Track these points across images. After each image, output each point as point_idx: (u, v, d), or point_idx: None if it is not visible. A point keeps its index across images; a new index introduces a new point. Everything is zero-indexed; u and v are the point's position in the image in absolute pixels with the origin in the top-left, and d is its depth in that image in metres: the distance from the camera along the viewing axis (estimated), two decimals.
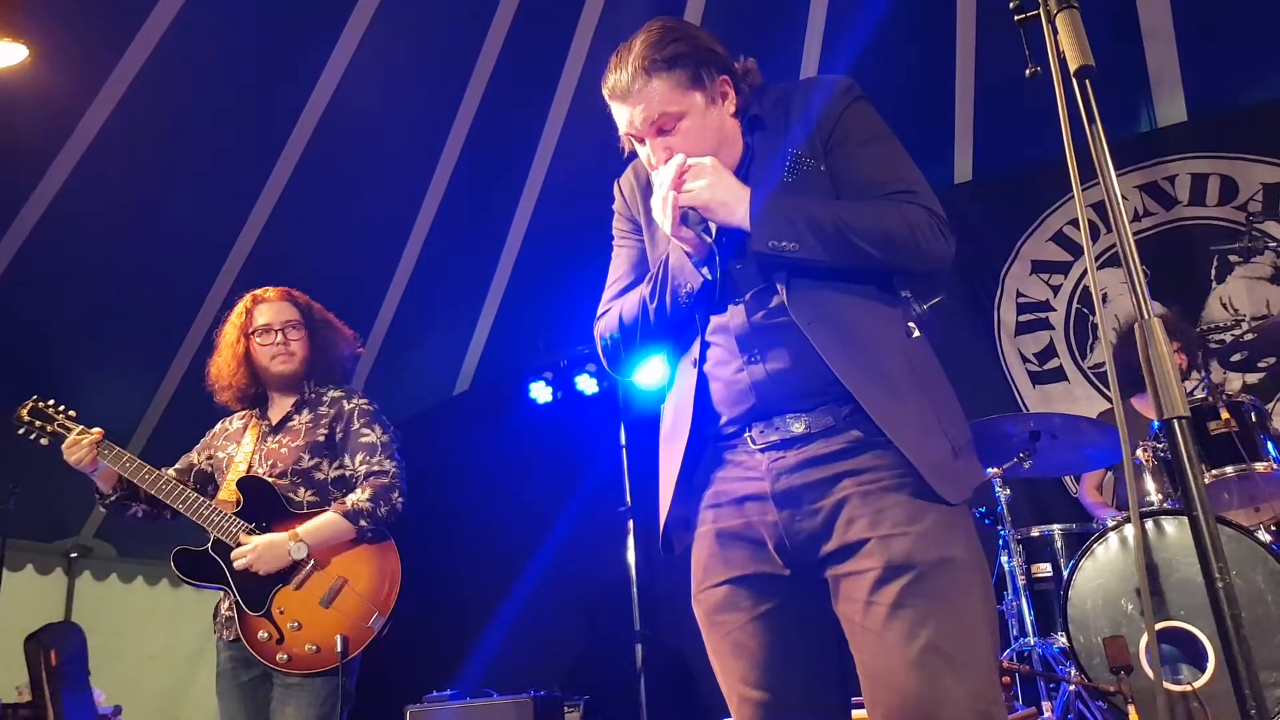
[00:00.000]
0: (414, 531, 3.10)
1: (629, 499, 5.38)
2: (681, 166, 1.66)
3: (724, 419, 1.68)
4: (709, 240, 1.68)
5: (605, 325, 1.87)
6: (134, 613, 6.27)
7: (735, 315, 1.68)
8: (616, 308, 1.84)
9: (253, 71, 4.77)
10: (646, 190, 1.85)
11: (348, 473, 2.90)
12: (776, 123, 1.76)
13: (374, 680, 3.05)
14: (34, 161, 4.54)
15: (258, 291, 3.08)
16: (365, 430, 2.94)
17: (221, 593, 2.85)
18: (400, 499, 2.87)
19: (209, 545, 2.79)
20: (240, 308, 3.05)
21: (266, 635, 2.69)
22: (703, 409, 1.70)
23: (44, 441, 2.94)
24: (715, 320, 1.71)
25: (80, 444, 2.83)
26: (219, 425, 3.14)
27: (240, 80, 4.76)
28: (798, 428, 1.61)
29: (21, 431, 2.96)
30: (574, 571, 5.77)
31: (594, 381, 5.97)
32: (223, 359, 3.01)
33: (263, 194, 5.22)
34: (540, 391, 6.15)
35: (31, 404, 2.98)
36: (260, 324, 2.98)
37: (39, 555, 5.82)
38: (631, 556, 5.28)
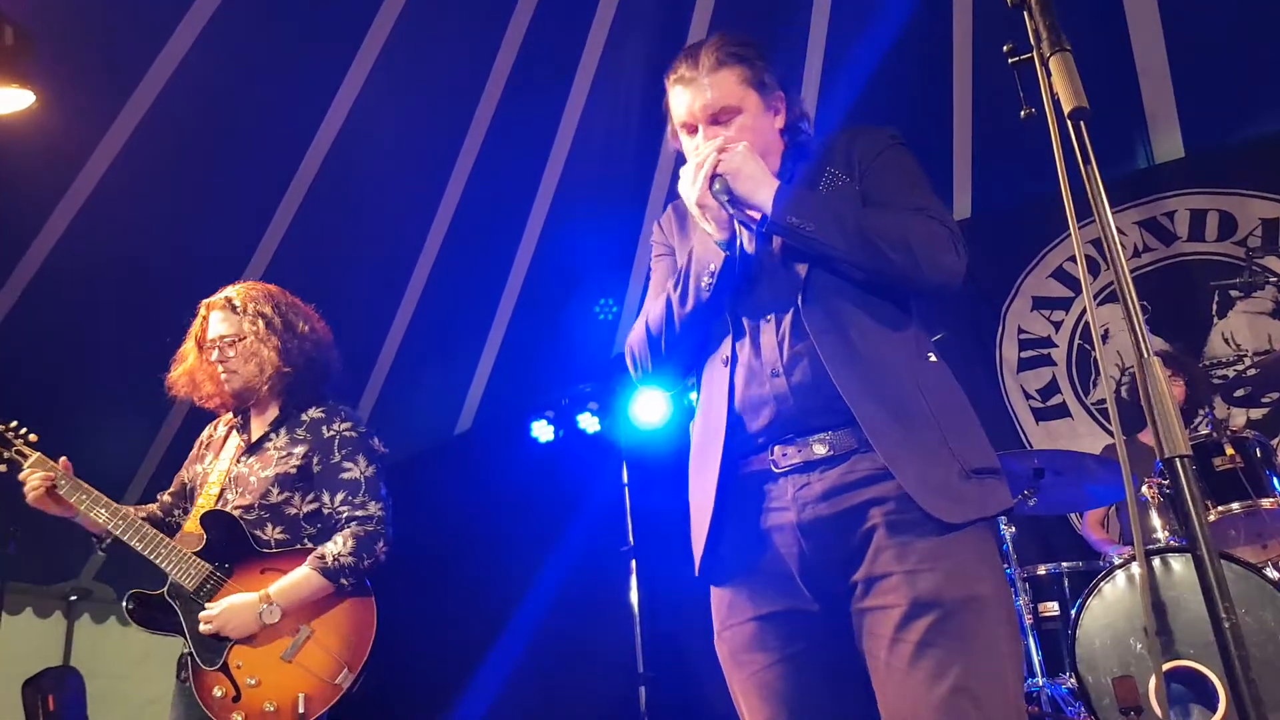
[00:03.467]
0: (414, 572, 3.08)
1: (631, 538, 5.35)
2: (721, 145, 1.72)
3: (749, 432, 1.68)
4: (730, 211, 1.71)
5: (633, 336, 1.88)
6: (133, 656, 6.20)
7: (764, 329, 1.70)
8: (644, 316, 1.86)
9: (256, 117, 4.82)
10: (682, 222, 1.93)
11: (325, 510, 2.61)
12: (817, 156, 1.82)
13: None
14: (39, 205, 4.57)
15: (209, 299, 2.81)
16: (347, 464, 2.63)
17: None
18: (385, 547, 2.59)
19: (165, 589, 2.53)
20: (198, 316, 2.79)
21: (221, 692, 2.44)
22: (733, 421, 1.69)
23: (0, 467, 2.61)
24: (746, 329, 1.72)
25: (32, 477, 2.52)
26: (206, 431, 2.90)
27: (244, 124, 4.81)
28: (820, 449, 1.61)
29: None
30: (576, 612, 5.71)
31: (596, 420, 5.96)
32: (179, 370, 2.77)
33: (264, 238, 5.25)
34: (542, 430, 6.13)
35: None
36: (210, 338, 2.73)
37: (38, 598, 5.78)
38: (634, 597, 5.23)
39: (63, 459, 2.62)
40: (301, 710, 2.40)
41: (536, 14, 5.18)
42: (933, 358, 1.70)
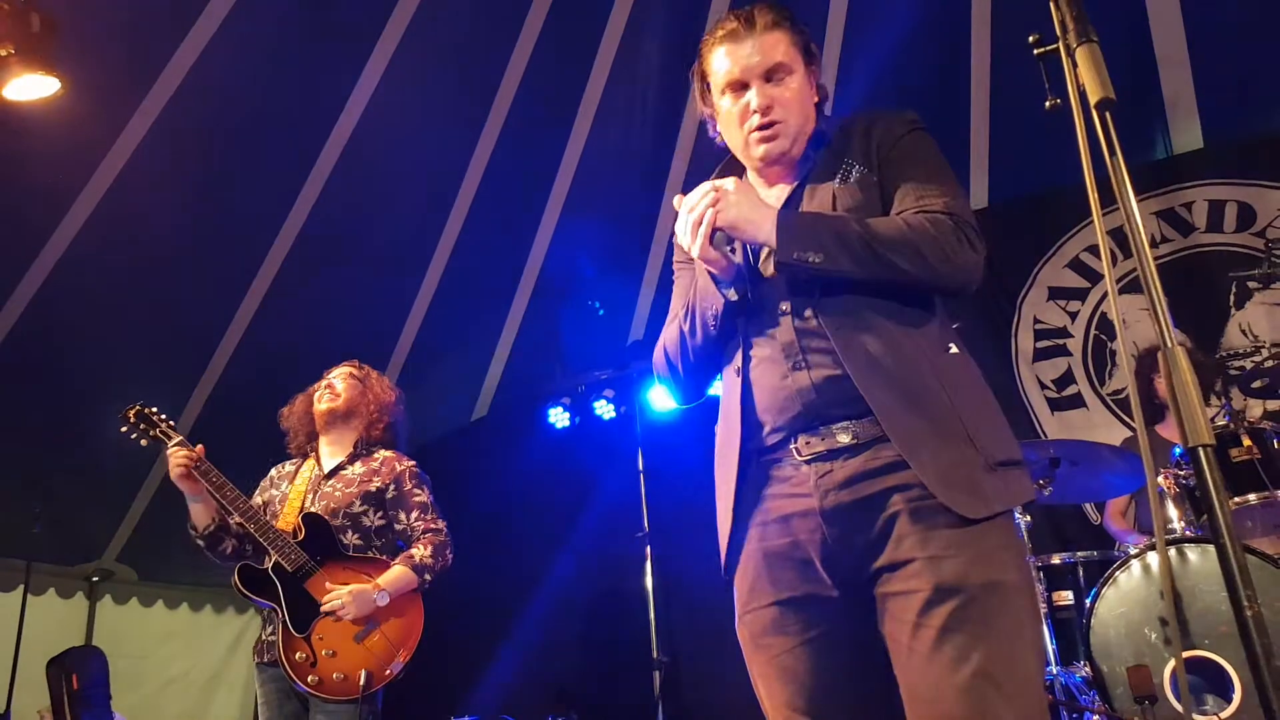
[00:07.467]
0: None
1: (646, 525, 5.38)
2: (714, 199, 1.68)
3: (770, 427, 1.68)
4: (736, 261, 1.71)
5: (656, 358, 1.91)
6: (154, 636, 6.29)
7: (781, 324, 1.69)
8: (663, 340, 1.89)
9: (277, 103, 4.84)
10: None
11: (399, 526, 3.21)
12: (838, 142, 1.81)
13: (393, 706, 3.07)
14: (64, 190, 4.61)
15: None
16: (417, 490, 3.26)
17: (262, 620, 3.12)
18: (451, 555, 3.19)
19: (269, 567, 3.05)
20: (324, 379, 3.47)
21: (303, 656, 2.92)
22: (750, 419, 1.70)
23: (144, 442, 3.21)
24: (763, 327, 1.72)
25: (178, 453, 3.03)
26: (273, 470, 3.46)
27: (265, 111, 4.83)
28: (844, 438, 1.61)
29: (124, 430, 3.21)
30: (591, 597, 5.76)
31: (611, 407, 5.98)
32: (293, 409, 3.44)
33: (286, 223, 5.28)
34: (558, 417, 6.17)
35: (138, 408, 3.23)
36: (331, 377, 3.44)
37: (61, 579, 5.85)
38: (649, 582, 5.26)
39: (199, 446, 3.11)
40: (363, 684, 2.87)
41: (555, 2, 5.19)
42: (954, 349, 1.68)
